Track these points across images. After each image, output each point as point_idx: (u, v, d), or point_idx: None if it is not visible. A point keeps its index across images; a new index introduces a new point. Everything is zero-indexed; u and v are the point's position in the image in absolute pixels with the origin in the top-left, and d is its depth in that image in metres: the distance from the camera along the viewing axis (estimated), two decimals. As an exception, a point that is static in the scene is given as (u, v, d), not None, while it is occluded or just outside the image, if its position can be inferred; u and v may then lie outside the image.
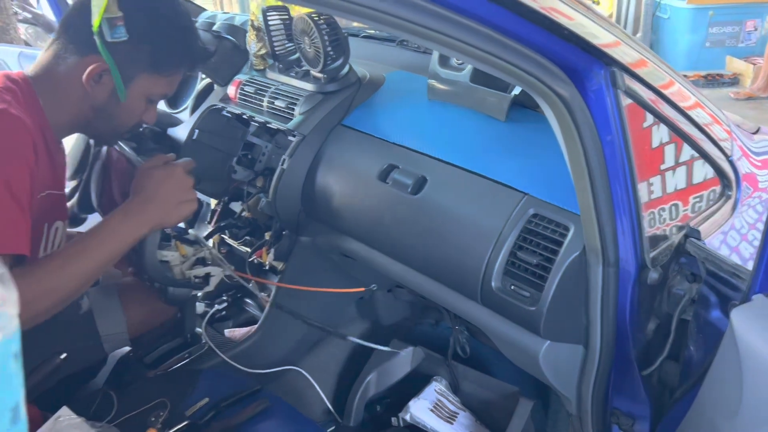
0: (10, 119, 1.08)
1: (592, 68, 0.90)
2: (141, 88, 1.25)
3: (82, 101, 1.21)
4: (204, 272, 1.40)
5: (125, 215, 1.19)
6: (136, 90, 1.24)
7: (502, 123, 1.35)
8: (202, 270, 1.40)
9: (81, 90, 1.21)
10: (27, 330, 0.59)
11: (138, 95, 1.26)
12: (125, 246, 1.18)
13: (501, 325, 1.20)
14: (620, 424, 1.20)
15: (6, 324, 0.34)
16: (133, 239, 1.19)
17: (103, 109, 1.23)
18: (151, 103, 1.30)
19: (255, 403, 1.29)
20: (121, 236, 1.18)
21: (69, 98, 1.20)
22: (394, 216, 1.34)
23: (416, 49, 1.75)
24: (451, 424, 1.54)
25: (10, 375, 0.34)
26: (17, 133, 1.09)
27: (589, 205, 1.00)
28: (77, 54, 1.19)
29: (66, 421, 1.18)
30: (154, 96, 1.29)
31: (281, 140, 1.69)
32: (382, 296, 1.82)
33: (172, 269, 1.35)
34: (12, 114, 1.08)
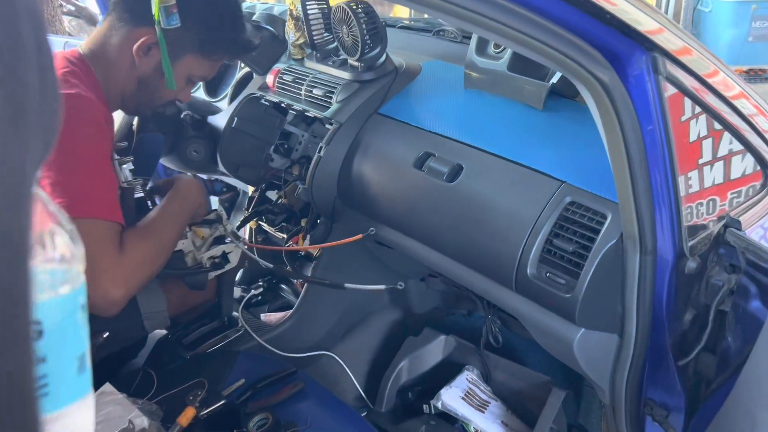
0: (88, 102, 1.18)
1: (634, 53, 0.89)
2: (185, 68, 1.32)
3: (129, 72, 1.31)
4: (220, 251, 1.43)
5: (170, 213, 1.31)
6: (180, 69, 1.31)
7: (539, 112, 1.34)
8: (218, 249, 1.42)
9: (130, 60, 1.30)
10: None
11: (181, 74, 1.33)
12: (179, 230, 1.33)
13: (535, 312, 1.20)
14: (654, 416, 1.19)
15: (74, 278, 0.36)
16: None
17: (146, 81, 1.31)
18: (190, 83, 1.36)
19: (290, 385, 1.31)
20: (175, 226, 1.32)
21: (119, 69, 1.29)
22: (429, 204, 1.35)
23: (453, 38, 1.75)
24: (482, 412, 1.55)
25: (77, 325, 0.36)
26: (97, 113, 1.19)
27: (628, 193, 0.99)
28: (131, 24, 1.28)
29: (109, 397, 1.23)
30: (195, 77, 1.36)
31: (318, 129, 1.71)
32: (415, 285, 1.83)
33: (185, 257, 1.38)
34: (86, 97, 1.18)
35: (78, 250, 0.36)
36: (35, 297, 0.29)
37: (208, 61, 1.35)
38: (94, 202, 1.13)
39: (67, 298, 0.35)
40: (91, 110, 1.19)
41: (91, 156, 1.16)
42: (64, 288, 0.35)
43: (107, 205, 1.15)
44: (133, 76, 1.32)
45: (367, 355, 1.81)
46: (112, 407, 1.19)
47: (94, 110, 1.19)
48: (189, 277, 1.39)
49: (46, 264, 0.34)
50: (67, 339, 0.35)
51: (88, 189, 1.13)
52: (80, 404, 0.36)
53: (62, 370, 0.35)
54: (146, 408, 1.22)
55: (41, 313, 0.34)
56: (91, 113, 1.19)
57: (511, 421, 1.55)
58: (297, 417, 1.24)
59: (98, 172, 1.17)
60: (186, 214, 1.36)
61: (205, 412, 1.25)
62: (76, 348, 0.36)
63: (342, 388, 1.70)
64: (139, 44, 1.28)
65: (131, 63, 1.30)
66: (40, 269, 0.34)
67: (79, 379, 0.36)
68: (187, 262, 1.38)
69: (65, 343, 0.35)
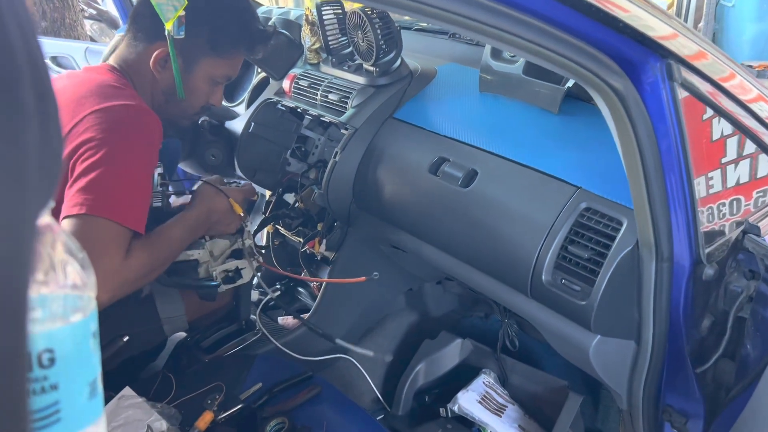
0: (148, 114, 1.23)
1: (648, 61, 0.88)
2: (205, 71, 1.36)
3: (154, 87, 1.34)
4: (234, 266, 1.43)
5: (197, 218, 1.35)
6: (200, 73, 1.35)
7: (554, 116, 1.34)
8: (232, 264, 1.43)
9: (151, 75, 1.34)
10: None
11: (202, 78, 1.37)
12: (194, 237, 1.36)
13: (551, 318, 1.19)
14: (673, 422, 1.18)
15: (85, 305, 0.37)
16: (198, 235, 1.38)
17: (172, 92, 1.33)
18: (216, 85, 1.39)
19: (307, 389, 1.32)
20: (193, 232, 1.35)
21: (143, 86, 1.33)
22: (443, 209, 1.35)
23: (468, 41, 1.75)
24: (499, 416, 1.55)
25: (89, 352, 0.37)
26: (154, 125, 1.23)
27: (643, 200, 0.98)
28: (146, 41, 1.31)
29: (128, 400, 1.25)
30: (217, 78, 1.39)
31: (334, 133, 1.72)
32: (431, 288, 1.83)
33: (198, 267, 1.39)
34: (146, 108, 1.23)
35: (89, 278, 0.37)
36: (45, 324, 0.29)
37: (225, 60, 1.38)
38: (120, 206, 1.15)
39: (78, 325, 0.36)
40: (150, 123, 1.23)
41: (138, 165, 1.19)
42: (76, 316, 0.36)
43: (133, 212, 1.17)
44: (158, 90, 1.36)
45: (383, 358, 1.81)
46: (131, 411, 1.21)
47: (153, 124, 1.23)
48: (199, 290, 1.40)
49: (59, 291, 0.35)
50: (79, 365, 0.36)
51: (121, 193, 1.16)
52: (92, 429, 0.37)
53: (74, 396, 0.36)
54: (165, 412, 1.24)
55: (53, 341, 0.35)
56: (150, 126, 1.23)
57: (528, 425, 1.55)
58: (313, 421, 1.25)
59: (138, 181, 1.20)
60: (201, 225, 1.36)
61: (223, 415, 1.26)
62: (88, 374, 0.37)
63: (359, 390, 1.71)
64: (154, 58, 1.32)
65: (153, 78, 1.35)
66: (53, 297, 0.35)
67: (90, 404, 0.37)
68: (199, 273, 1.39)
69: (77, 370, 0.36)
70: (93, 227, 1.11)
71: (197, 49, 1.34)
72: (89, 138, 1.15)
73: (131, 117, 1.21)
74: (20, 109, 0.23)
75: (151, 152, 1.23)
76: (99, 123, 1.17)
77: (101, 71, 1.34)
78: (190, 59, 1.34)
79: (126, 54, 1.35)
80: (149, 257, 1.21)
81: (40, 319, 0.34)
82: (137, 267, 1.18)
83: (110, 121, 1.18)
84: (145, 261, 1.20)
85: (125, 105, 1.21)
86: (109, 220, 1.13)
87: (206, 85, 1.39)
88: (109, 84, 1.28)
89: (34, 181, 0.24)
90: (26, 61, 0.23)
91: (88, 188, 1.12)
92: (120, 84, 1.29)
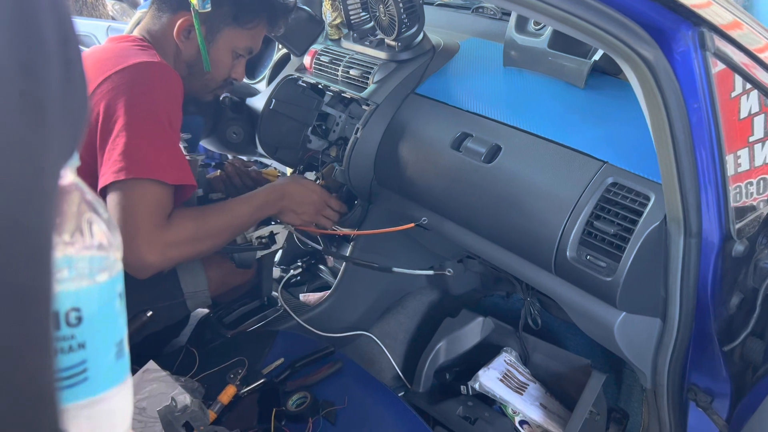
0: (170, 72, 1.24)
1: (680, 29, 0.86)
2: (227, 42, 1.37)
3: (177, 57, 1.35)
4: (268, 231, 1.46)
5: (266, 199, 1.38)
6: (222, 44, 1.35)
7: (580, 90, 1.31)
8: (266, 229, 1.46)
9: (175, 46, 1.35)
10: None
11: (225, 49, 1.38)
12: (258, 217, 1.39)
13: (575, 295, 1.18)
14: (698, 401, 1.17)
15: (111, 265, 0.37)
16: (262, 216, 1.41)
17: (194, 63, 1.34)
18: (238, 58, 1.39)
19: (329, 364, 1.33)
20: (258, 212, 1.37)
21: (167, 56, 1.35)
22: (466, 185, 1.33)
23: (492, 16, 1.72)
24: (520, 394, 1.54)
25: (115, 313, 0.37)
26: (177, 84, 1.25)
27: (672, 174, 0.96)
28: (170, 12, 1.32)
29: (152, 374, 1.26)
30: (239, 49, 1.40)
31: (355, 110, 1.70)
32: (453, 266, 1.82)
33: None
34: (168, 67, 1.25)
35: (115, 239, 0.37)
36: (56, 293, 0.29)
37: (247, 31, 1.38)
38: (157, 166, 1.17)
39: (105, 285, 0.36)
40: (174, 80, 1.24)
41: (166, 123, 1.20)
42: (102, 276, 0.36)
43: (173, 168, 1.19)
44: (181, 61, 1.38)
45: (404, 335, 1.81)
46: (155, 384, 1.23)
47: (176, 80, 1.25)
48: (237, 255, 1.42)
49: (85, 252, 0.35)
50: (106, 325, 0.36)
51: (156, 152, 1.18)
52: (119, 389, 0.37)
53: (101, 356, 0.36)
54: (188, 385, 1.26)
55: (80, 300, 0.34)
56: (173, 83, 1.24)
57: (550, 403, 1.54)
58: (335, 396, 1.26)
59: (170, 139, 1.21)
60: (271, 205, 1.40)
61: (246, 390, 1.28)
62: (115, 334, 0.37)
63: (379, 367, 1.71)
64: (178, 28, 1.32)
65: (177, 49, 1.36)
66: (79, 257, 0.35)
67: (117, 364, 0.37)
68: (236, 240, 1.41)
69: (104, 329, 0.36)
70: (136, 191, 1.13)
71: (220, 20, 1.34)
72: (113, 98, 1.16)
73: (153, 73, 1.22)
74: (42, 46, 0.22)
75: (176, 107, 1.24)
76: (122, 83, 1.17)
77: (124, 39, 1.34)
78: (212, 30, 1.35)
79: (150, 25, 1.36)
80: (191, 228, 1.23)
81: (67, 278, 0.34)
82: (178, 235, 1.20)
83: (133, 79, 1.19)
84: (187, 231, 1.22)
85: (147, 62, 1.22)
86: (148, 180, 1.14)
87: (228, 57, 1.39)
88: (129, 47, 1.29)
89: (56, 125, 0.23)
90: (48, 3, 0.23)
91: (122, 153, 1.13)
92: (141, 46, 1.29)
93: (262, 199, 1.38)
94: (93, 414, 0.35)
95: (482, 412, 1.54)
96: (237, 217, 1.33)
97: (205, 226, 1.26)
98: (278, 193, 1.40)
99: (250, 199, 1.36)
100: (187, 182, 1.22)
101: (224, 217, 1.30)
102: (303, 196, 1.45)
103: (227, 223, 1.30)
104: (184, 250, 1.24)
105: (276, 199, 1.40)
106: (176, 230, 1.19)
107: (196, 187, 1.26)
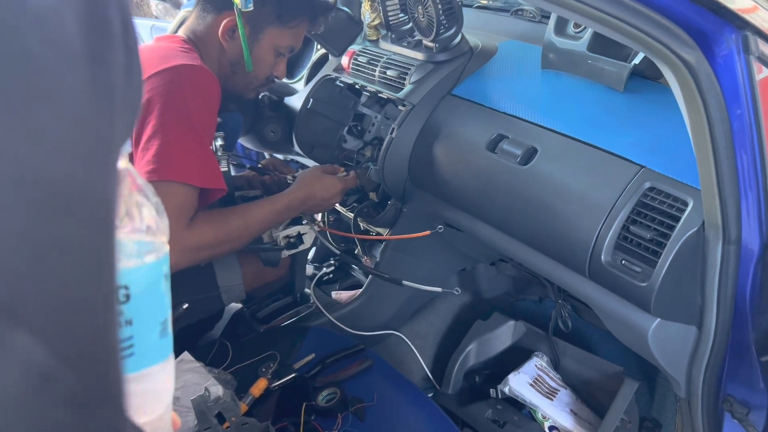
0: (209, 75, 1.27)
1: (723, 32, 0.85)
2: (269, 41, 1.40)
3: (221, 57, 1.38)
4: (295, 231, 1.47)
5: (288, 204, 1.40)
6: (265, 43, 1.38)
7: (619, 94, 1.30)
8: (294, 229, 1.47)
9: (219, 46, 1.38)
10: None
11: (267, 48, 1.40)
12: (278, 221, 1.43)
13: (609, 300, 1.17)
14: (733, 412, 1.15)
15: (159, 248, 0.38)
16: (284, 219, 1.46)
17: (238, 63, 1.37)
18: (280, 56, 1.42)
19: (359, 361, 1.34)
20: (279, 216, 1.40)
21: (211, 55, 1.38)
22: (501, 187, 1.33)
23: (531, 18, 1.71)
24: (550, 400, 1.53)
25: (161, 293, 0.38)
26: (214, 88, 1.27)
27: (711, 179, 0.95)
28: (214, 12, 1.35)
29: (187, 365, 1.29)
30: (281, 48, 1.43)
31: (391, 110, 1.72)
32: (485, 269, 1.82)
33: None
34: (207, 70, 1.28)
35: (163, 222, 0.38)
36: (120, 263, 0.31)
37: (289, 30, 1.41)
38: (186, 169, 1.19)
39: (152, 266, 0.37)
40: (211, 84, 1.27)
41: (199, 126, 1.23)
42: (150, 257, 0.37)
43: (201, 172, 1.22)
44: (224, 60, 1.40)
45: (434, 336, 1.82)
46: (190, 375, 1.26)
47: (213, 85, 1.28)
48: (264, 253, 1.44)
49: (134, 234, 0.37)
50: (152, 304, 0.37)
51: (186, 155, 1.20)
52: (162, 366, 0.38)
53: (146, 333, 0.37)
54: (221, 377, 1.28)
55: (128, 278, 0.36)
56: (209, 87, 1.27)
57: (581, 410, 1.53)
58: (364, 393, 1.27)
59: (201, 142, 1.24)
60: (294, 209, 1.42)
61: (277, 383, 1.29)
62: (160, 313, 0.38)
63: (409, 368, 1.72)
64: (222, 28, 1.35)
65: (221, 48, 1.39)
66: (128, 239, 0.36)
67: (161, 342, 0.38)
68: (263, 239, 1.43)
69: (150, 308, 0.37)
70: (161, 192, 1.15)
71: (263, 19, 1.37)
72: (151, 99, 1.19)
73: (191, 77, 1.25)
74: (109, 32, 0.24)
75: (210, 111, 1.27)
76: (161, 84, 1.20)
77: (170, 39, 1.38)
78: (256, 29, 1.38)
79: (195, 25, 1.39)
80: (211, 233, 1.25)
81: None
82: (198, 239, 1.22)
83: (171, 81, 1.21)
84: (206, 236, 1.24)
85: (186, 65, 1.25)
86: (175, 183, 1.17)
87: (271, 55, 1.42)
88: (173, 48, 1.32)
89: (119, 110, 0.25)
90: None
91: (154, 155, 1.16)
92: (184, 48, 1.33)
93: (284, 204, 1.39)
94: (138, 389, 0.37)
95: (511, 416, 1.53)
96: (258, 222, 1.35)
97: (226, 230, 1.28)
98: (301, 197, 1.42)
99: (272, 204, 1.38)
100: (216, 185, 1.24)
101: (245, 222, 1.32)
102: (324, 195, 1.46)
103: (247, 229, 1.33)
104: (202, 254, 1.27)
105: (298, 204, 1.42)
106: (197, 235, 1.22)
107: (225, 191, 1.27)
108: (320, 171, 1.51)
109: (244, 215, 1.32)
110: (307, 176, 1.46)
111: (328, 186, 1.47)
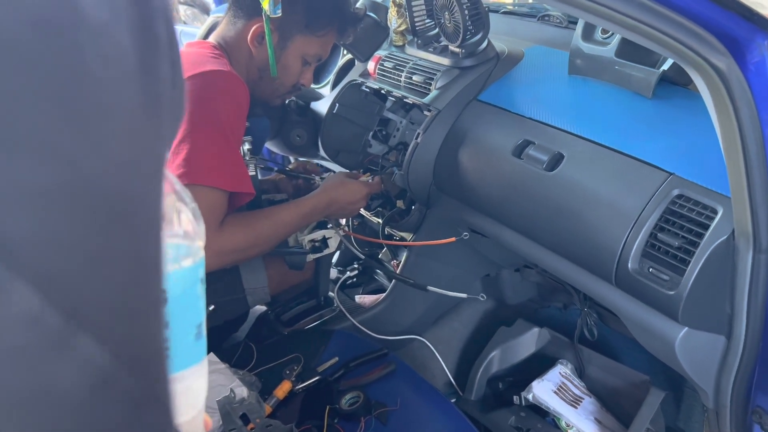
0: (238, 81, 1.30)
1: (755, 38, 0.84)
2: (297, 49, 1.41)
3: (249, 63, 1.40)
4: (320, 236, 1.49)
5: (314, 207, 1.42)
6: (293, 51, 1.40)
7: (647, 100, 1.29)
8: (319, 233, 1.49)
9: (248, 52, 1.40)
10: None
11: (295, 55, 1.42)
12: (304, 224, 1.45)
13: (635, 308, 1.16)
14: (763, 424, 1.13)
15: (195, 252, 0.39)
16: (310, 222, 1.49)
17: (266, 69, 1.39)
18: (306, 65, 1.43)
19: (382, 366, 1.34)
20: (305, 219, 1.43)
21: (240, 61, 1.39)
22: (527, 193, 1.33)
23: (558, 24, 1.71)
24: (575, 408, 1.52)
25: (197, 296, 0.39)
26: (243, 94, 1.30)
27: (742, 187, 0.93)
28: (245, 18, 1.37)
29: (213, 366, 1.31)
30: (309, 56, 1.44)
31: (416, 116, 1.72)
32: (509, 275, 1.81)
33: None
34: (237, 77, 1.30)
35: (200, 227, 0.39)
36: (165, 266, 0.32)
37: (317, 38, 1.42)
38: (216, 172, 1.22)
39: (189, 270, 0.38)
40: (239, 90, 1.29)
41: (228, 131, 1.25)
42: (187, 261, 0.38)
43: (230, 176, 1.24)
44: (253, 66, 1.42)
45: (458, 342, 1.81)
46: (215, 376, 1.27)
47: (242, 90, 1.30)
48: (289, 257, 1.46)
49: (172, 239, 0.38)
50: (188, 308, 0.38)
51: (215, 160, 1.22)
52: (196, 369, 0.39)
53: (182, 336, 0.38)
54: (246, 379, 1.30)
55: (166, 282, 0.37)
56: (239, 92, 1.29)
57: (605, 419, 1.51)
58: (387, 397, 1.28)
59: (230, 147, 1.26)
60: (319, 213, 1.45)
61: (301, 386, 1.31)
62: (195, 317, 0.39)
63: (431, 373, 1.71)
64: (252, 34, 1.37)
65: (249, 54, 1.41)
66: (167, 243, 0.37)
67: (196, 345, 0.39)
68: (288, 242, 1.45)
69: (186, 312, 0.38)
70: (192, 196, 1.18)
71: (292, 26, 1.39)
72: None
73: (221, 82, 1.27)
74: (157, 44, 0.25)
75: (238, 116, 1.29)
76: (191, 90, 1.23)
77: (200, 45, 1.40)
78: (285, 36, 1.39)
79: (225, 31, 1.41)
80: (241, 236, 1.27)
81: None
82: (230, 242, 1.24)
83: (202, 87, 1.24)
84: (237, 240, 1.26)
85: (216, 71, 1.27)
86: (205, 187, 1.18)
87: (298, 63, 1.43)
88: (203, 53, 1.34)
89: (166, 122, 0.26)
90: (159, 2, 0.25)
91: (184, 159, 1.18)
92: (214, 54, 1.35)
93: (310, 207, 1.41)
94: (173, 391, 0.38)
95: (535, 424, 1.52)
96: (285, 225, 1.37)
97: (254, 233, 1.30)
98: (325, 201, 1.44)
99: (298, 207, 1.40)
100: (245, 189, 1.26)
101: (273, 226, 1.34)
102: (348, 199, 1.48)
103: (275, 232, 1.35)
104: (233, 257, 1.29)
105: (323, 207, 1.44)
106: (227, 238, 1.24)
107: (253, 194, 1.29)
108: (344, 176, 1.53)
109: (272, 218, 1.34)
110: (331, 181, 1.48)
111: (352, 190, 1.48)
